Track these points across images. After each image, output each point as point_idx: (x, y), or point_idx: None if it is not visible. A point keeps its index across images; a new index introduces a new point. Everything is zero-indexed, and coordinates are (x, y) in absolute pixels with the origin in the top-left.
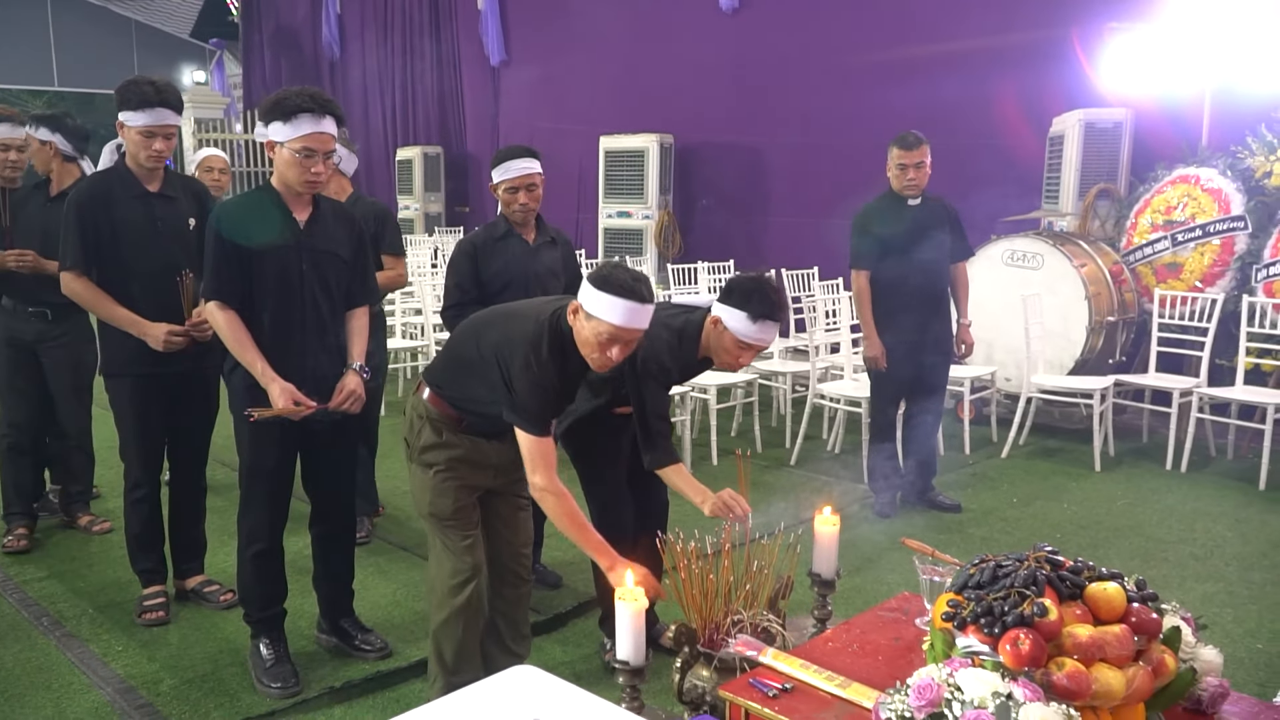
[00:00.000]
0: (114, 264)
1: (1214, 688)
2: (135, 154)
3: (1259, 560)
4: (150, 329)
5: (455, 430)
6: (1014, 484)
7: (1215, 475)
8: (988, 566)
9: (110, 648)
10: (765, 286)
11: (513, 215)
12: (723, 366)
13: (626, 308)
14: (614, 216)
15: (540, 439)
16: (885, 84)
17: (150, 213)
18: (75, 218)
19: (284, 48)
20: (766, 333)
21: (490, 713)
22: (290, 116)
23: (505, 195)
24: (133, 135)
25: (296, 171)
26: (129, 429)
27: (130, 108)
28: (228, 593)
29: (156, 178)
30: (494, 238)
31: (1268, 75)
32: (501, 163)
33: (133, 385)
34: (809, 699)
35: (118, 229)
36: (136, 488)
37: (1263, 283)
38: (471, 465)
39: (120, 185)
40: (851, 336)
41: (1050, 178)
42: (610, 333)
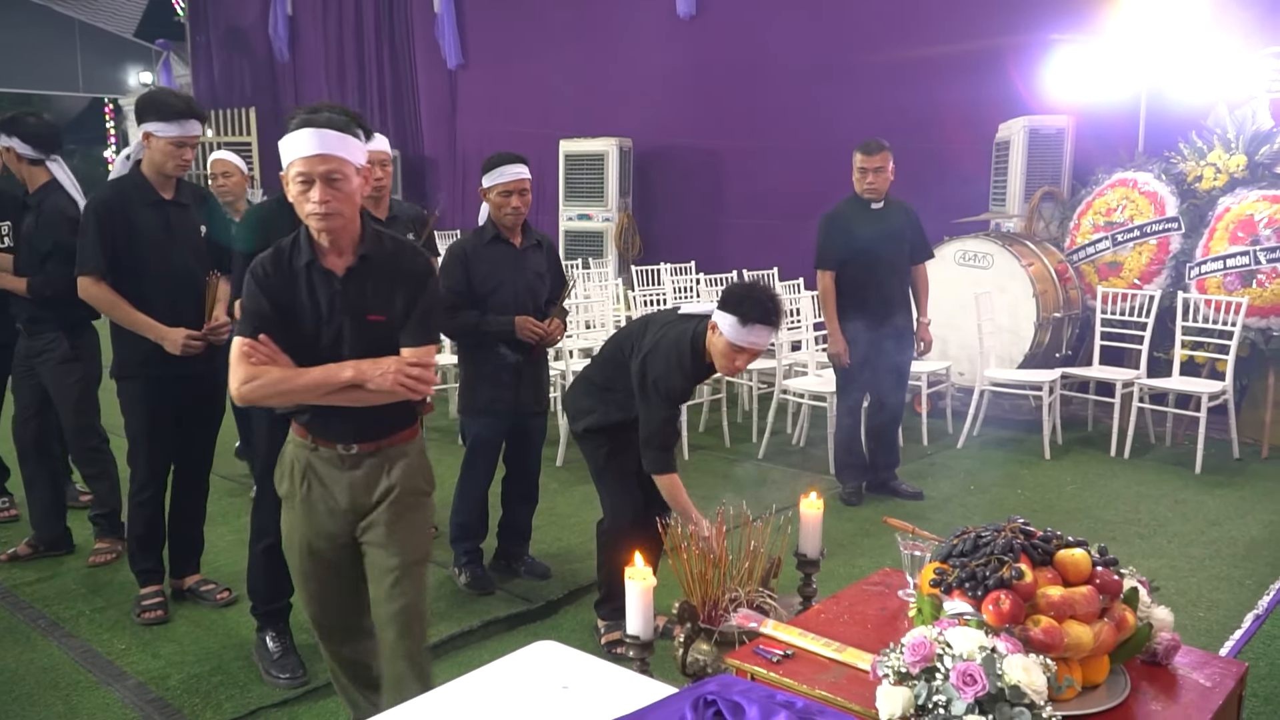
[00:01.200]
0: (130, 269)
1: (1167, 641)
2: (162, 163)
3: (1198, 537)
4: (168, 334)
5: None
6: (970, 472)
7: (1155, 460)
8: (969, 537)
9: (113, 647)
10: (758, 292)
11: (503, 219)
12: (721, 371)
13: None
14: (574, 219)
15: None
16: (838, 89)
17: (166, 220)
18: (95, 223)
19: (233, 49)
20: (759, 336)
21: (520, 685)
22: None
23: (497, 199)
24: (162, 145)
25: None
26: (139, 430)
27: (160, 119)
28: (224, 590)
29: (170, 186)
30: (483, 242)
31: (1197, 85)
32: (494, 168)
33: (144, 387)
34: (809, 663)
35: (135, 235)
36: (142, 490)
37: (1195, 280)
38: None
39: (137, 192)
40: (815, 334)
41: (997, 181)
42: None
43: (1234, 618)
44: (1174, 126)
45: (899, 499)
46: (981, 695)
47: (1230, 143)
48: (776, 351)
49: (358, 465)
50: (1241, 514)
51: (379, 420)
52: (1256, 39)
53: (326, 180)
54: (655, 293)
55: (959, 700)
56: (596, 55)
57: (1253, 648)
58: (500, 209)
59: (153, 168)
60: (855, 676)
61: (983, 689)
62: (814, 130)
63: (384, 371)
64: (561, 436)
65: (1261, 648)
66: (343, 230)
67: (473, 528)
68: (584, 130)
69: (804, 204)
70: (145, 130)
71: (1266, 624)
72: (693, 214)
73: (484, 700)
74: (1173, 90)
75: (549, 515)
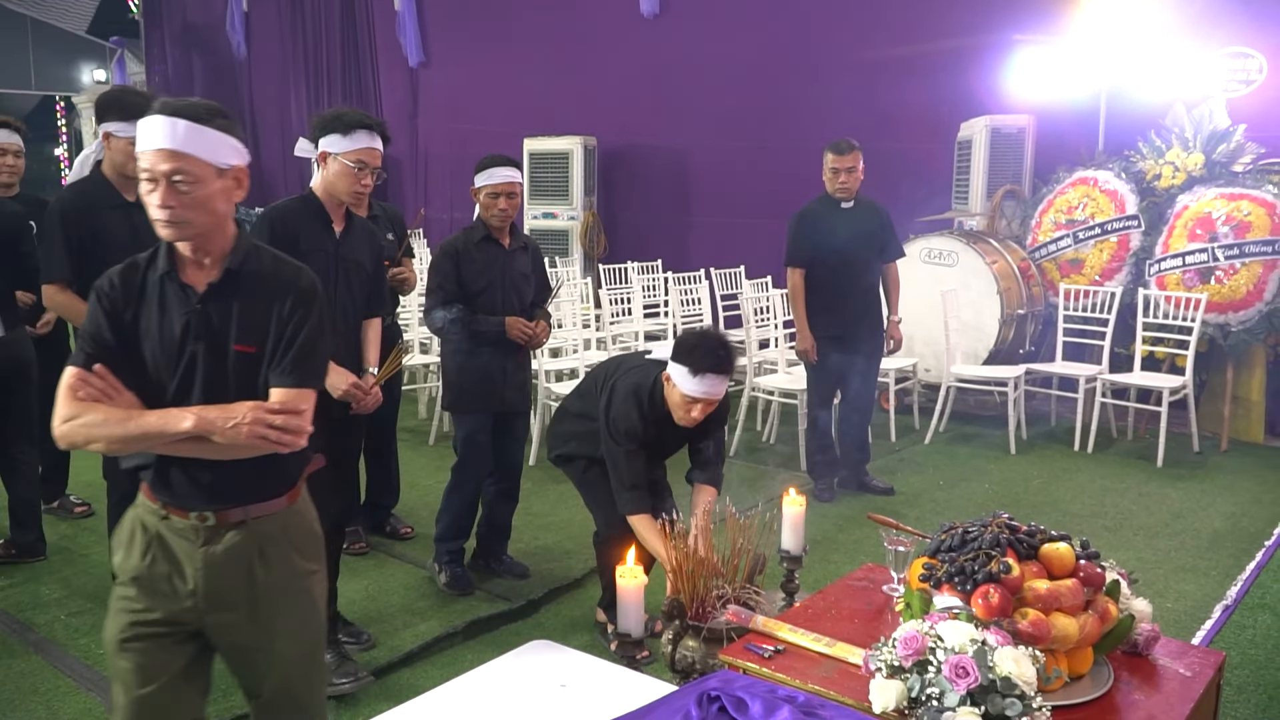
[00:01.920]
0: (97, 274)
1: (1148, 632)
2: (123, 164)
3: (1162, 529)
4: None
5: None
6: (939, 468)
7: (1118, 454)
8: (957, 533)
9: (90, 651)
10: (708, 340)
11: (491, 219)
12: (679, 422)
13: None
14: (539, 218)
15: None
16: (802, 88)
17: (130, 223)
18: (60, 229)
19: (189, 46)
20: (711, 385)
21: (518, 683)
22: (349, 130)
23: (486, 200)
24: (122, 146)
25: (348, 182)
26: None
27: (121, 118)
28: None
29: (133, 187)
30: (473, 241)
31: (1155, 85)
32: (486, 169)
33: None
34: (800, 658)
35: (100, 239)
36: (121, 503)
37: (1155, 276)
38: None
39: (100, 196)
40: (784, 332)
41: (960, 180)
42: None
43: (1201, 608)
44: (1133, 126)
45: (870, 494)
46: (974, 687)
47: (1188, 142)
48: (746, 349)
49: (216, 540)
50: (1204, 506)
51: (242, 482)
52: (1213, 40)
53: (170, 181)
54: (623, 291)
55: (952, 692)
56: (560, 53)
57: (1223, 637)
58: (488, 210)
59: (114, 169)
60: (847, 671)
61: (975, 681)
62: (779, 129)
63: (236, 421)
64: (535, 437)
65: (1232, 637)
66: (203, 239)
67: (460, 527)
68: (548, 128)
69: (770, 202)
70: (105, 130)
71: (1235, 614)
72: (659, 212)
73: (485, 699)
74: (1132, 90)
75: (525, 514)
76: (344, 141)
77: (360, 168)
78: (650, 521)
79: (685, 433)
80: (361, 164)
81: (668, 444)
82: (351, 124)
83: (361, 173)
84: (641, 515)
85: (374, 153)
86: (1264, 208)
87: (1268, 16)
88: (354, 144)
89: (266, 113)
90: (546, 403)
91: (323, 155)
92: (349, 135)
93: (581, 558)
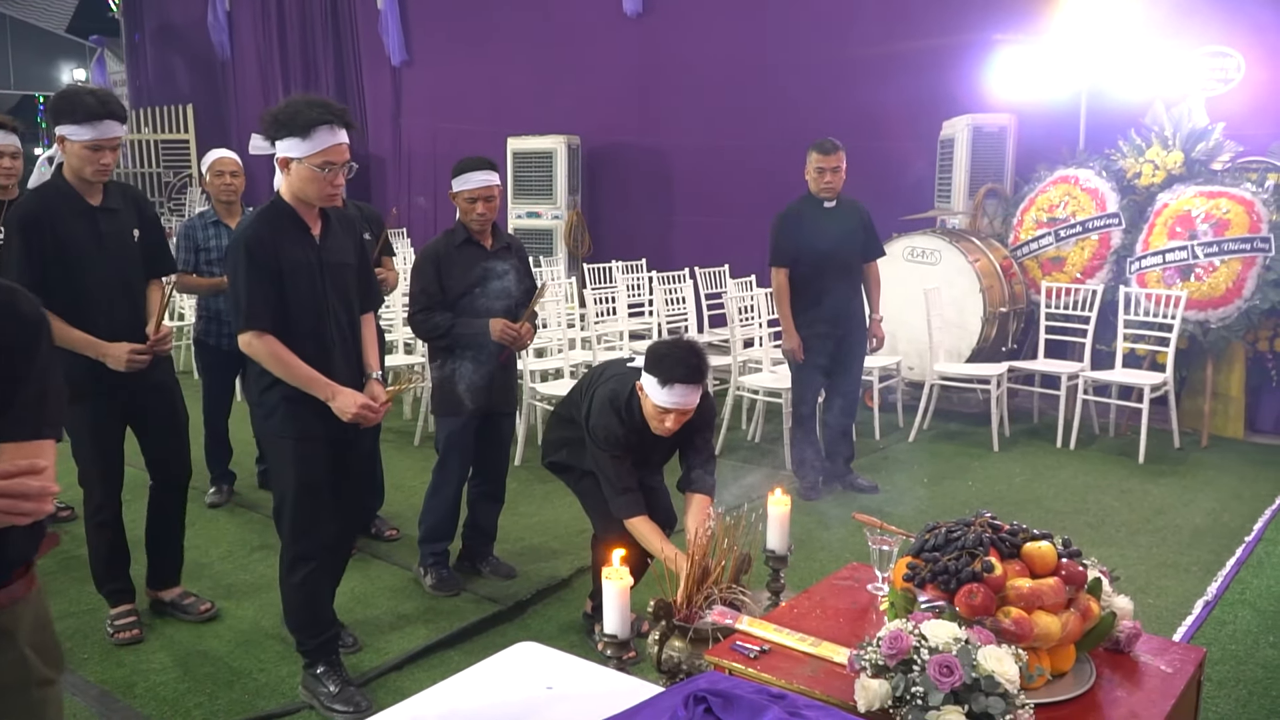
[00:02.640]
0: (63, 284)
1: (1129, 629)
2: (80, 169)
3: (1144, 526)
4: (110, 350)
5: None
6: (922, 465)
7: (1100, 451)
8: (940, 532)
9: (75, 656)
10: (678, 350)
11: (471, 223)
12: (655, 431)
13: None
14: (523, 217)
15: None
16: (785, 87)
17: (95, 228)
18: (20, 239)
19: (170, 45)
20: (681, 396)
21: (504, 686)
22: (307, 131)
23: (464, 204)
24: (77, 150)
25: (317, 186)
26: (87, 455)
27: (73, 120)
28: (206, 604)
29: (98, 191)
30: (454, 245)
31: (1135, 84)
32: (462, 173)
33: (92, 409)
34: (786, 658)
35: (64, 247)
36: (99, 511)
37: (1136, 274)
38: None
39: (63, 201)
40: (769, 331)
41: (942, 178)
42: None
43: (1182, 604)
44: (1113, 124)
45: (855, 492)
46: (957, 686)
47: (1168, 140)
48: (731, 349)
49: None
50: (1185, 502)
51: None
52: (1192, 39)
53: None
54: (608, 290)
55: (936, 691)
56: (544, 52)
57: (1204, 633)
58: (467, 214)
59: (72, 173)
60: (831, 670)
61: (959, 680)
62: (763, 128)
63: None
64: (520, 438)
65: (1213, 633)
66: None
67: (443, 529)
68: (531, 128)
69: (753, 201)
70: (59, 134)
71: (1216, 610)
72: (643, 212)
73: (470, 703)
74: (1112, 89)
75: (511, 515)
76: (304, 145)
77: (327, 169)
78: (648, 523)
79: (670, 440)
80: (328, 164)
81: (653, 452)
82: (309, 124)
83: (330, 173)
84: (638, 518)
85: (340, 149)
86: (1242, 205)
87: (1245, 16)
88: (315, 145)
89: (250, 112)
90: (531, 403)
91: (283, 161)
92: (308, 137)
93: (569, 558)
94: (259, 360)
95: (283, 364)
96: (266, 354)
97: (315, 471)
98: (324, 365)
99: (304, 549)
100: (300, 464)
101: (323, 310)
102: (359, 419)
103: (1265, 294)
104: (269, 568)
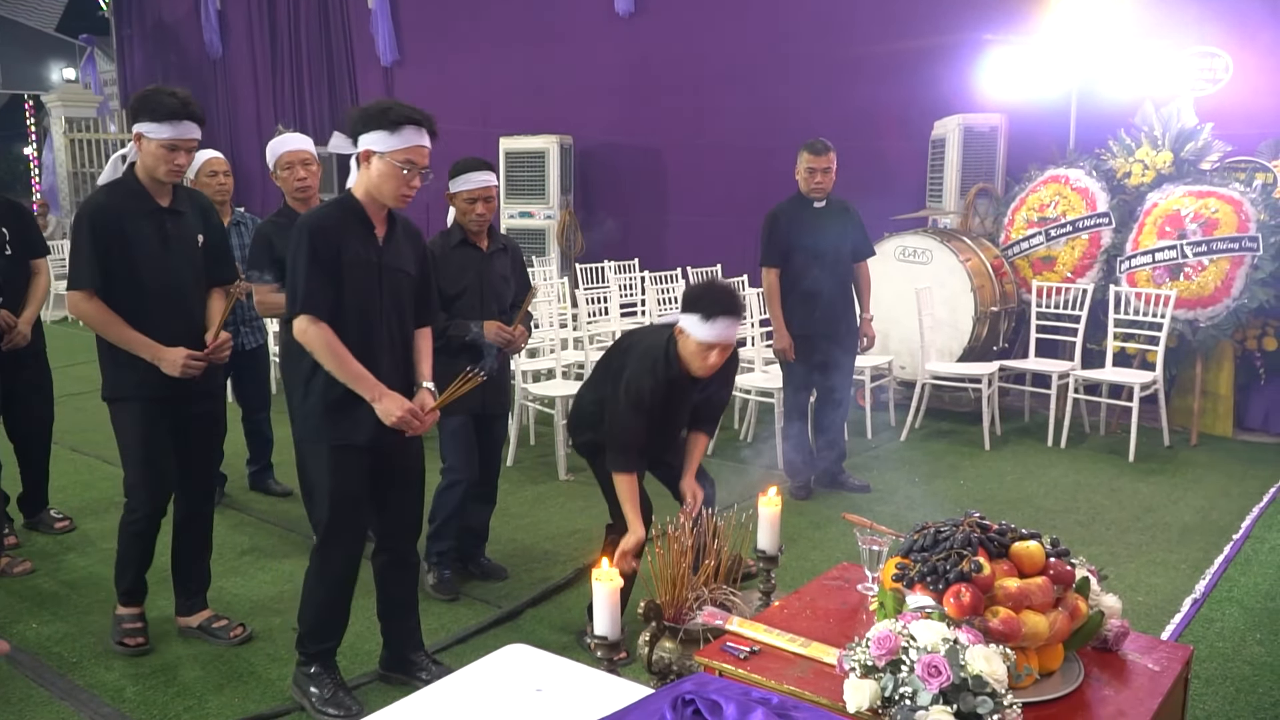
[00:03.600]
0: (125, 283)
1: (1117, 628)
2: (154, 167)
3: (1133, 524)
4: (166, 354)
5: None
6: (914, 464)
7: (1091, 449)
8: (929, 532)
9: (64, 660)
10: (715, 289)
11: (469, 224)
12: (697, 373)
13: None
14: (516, 217)
15: None
16: (777, 87)
17: (163, 229)
18: (88, 234)
19: (161, 44)
20: (725, 329)
21: (493, 689)
22: (397, 127)
23: (463, 205)
24: (153, 148)
25: (395, 184)
26: (136, 458)
27: (153, 119)
28: (238, 627)
29: (167, 192)
30: (450, 245)
31: (1125, 84)
32: (461, 174)
33: (142, 411)
34: (775, 659)
35: (131, 246)
36: (140, 519)
37: (1126, 273)
38: None
39: (132, 200)
40: (760, 331)
41: (934, 178)
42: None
43: (1171, 602)
44: (1103, 124)
45: (847, 492)
46: (946, 686)
47: (1157, 140)
48: None
49: None
50: (1174, 500)
51: None
52: (1181, 39)
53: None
54: (600, 290)
55: (925, 691)
56: (535, 52)
57: (1192, 631)
58: (465, 215)
59: (145, 172)
60: (821, 671)
61: (947, 680)
62: (754, 128)
63: None
64: (512, 438)
65: (1200, 630)
66: None
67: (451, 527)
68: (524, 127)
69: (745, 201)
70: (137, 131)
71: (1204, 608)
72: (635, 211)
73: (458, 706)
74: (1102, 89)
75: (502, 516)
76: (390, 139)
77: (409, 169)
78: (635, 485)
79: (695, 396)
80: (410, 164)
81: (677, 410)
82: (399, 119)
83: (410, 174)
84: (629, 475)
85: (423, 151)
86: (1231, 205)
87: (1233, 17)
88: (402, 142)
89: (242, 111)
90: (524, 404)
91: (365, 154)
92: (396, 132)
93: (560, 559)
94: (311, 348)
95: (335, 355)
96: (320, 342)
97: (351, 480)
98: (370, 368)
99: (333, 555)
100: (336, 472)
101: (374, 312)
102: (403, 425)
103: (1253, 293)
104: (260, 570)
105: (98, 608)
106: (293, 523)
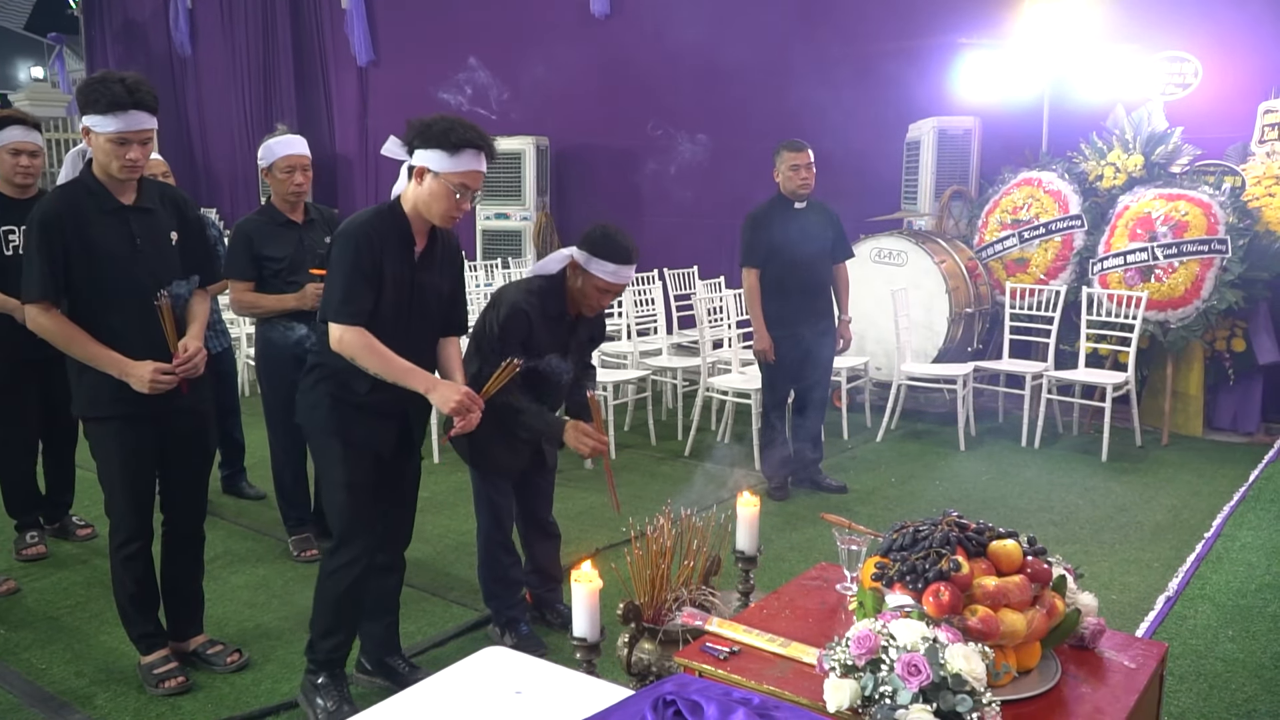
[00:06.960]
0: (90, 292)
1: (1093, 626)
2: (105, 164)
3: (1107, 523)
4: (133, 369)
5: None
6: (890, 465)
7: (1064, 449)
8: (908, 532)
9: (32, 667)
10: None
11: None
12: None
13: None
14: (492, 218)
15: None
16: (753, 89)
17: (127, 230)
18: (40, 241)
19: (131, 44)
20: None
21: (471, 691)
22: (457, 149)
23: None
24: (101, 143)
25: (444, 205)
26: (116, 480)
27: (97, 111)
28: (234, 652)
29: (130, 189)
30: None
31: (1097, 87)
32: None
33: (120, 429)
34: (755, 659)
35: (92, 251)
36: (128, 543)
37: (1098, 275)
38: None
39: (90, 200)
40: (738, 332)
41: (909, 180)
42: None
43: (1145, 599)
44: (1076, 127)
45: (824, 493)
46: (925, 684)
47: (1128, 143)
48: (701, 349)
49: None
50: (1146, 500)
51: None
52: (1152, 44)
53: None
54: None
55: (904, 690)
56: (511, 53)
57: (1166, 628)
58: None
59: (100, 169)
60: (801, 670)
61: (927, 678)
62: (730, 130)
63: None
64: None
65: (1174, 628)
66: None
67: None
68: (500, 129)
69: (721, 202)
70: (84, 125)
71: (1177, 605)
72: (611, 212)
73: (438, 708)
74: (1074, 92)
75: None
76: (448, 160)
77: (462, 192)
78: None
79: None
80: (464, 188)
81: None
82: (460, 142)
83: (462, 198)
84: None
85: (478, 176)
86: (1200, 208)
87: (1203, 21)
88: (460, 165)
89: (212, 111)
90: None
91: (420, 171)
92: (456, 155)
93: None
94: (351, 352)
95: (379, 355)
96: (360, 345)
97: (365, 476)
98: None
99: (350, 548)
100: (347, 465)
101: (402, 328)
102: (460, 409)
103: (1222, 294)
104: (233, 574)
105: None
106: (266, 526)
